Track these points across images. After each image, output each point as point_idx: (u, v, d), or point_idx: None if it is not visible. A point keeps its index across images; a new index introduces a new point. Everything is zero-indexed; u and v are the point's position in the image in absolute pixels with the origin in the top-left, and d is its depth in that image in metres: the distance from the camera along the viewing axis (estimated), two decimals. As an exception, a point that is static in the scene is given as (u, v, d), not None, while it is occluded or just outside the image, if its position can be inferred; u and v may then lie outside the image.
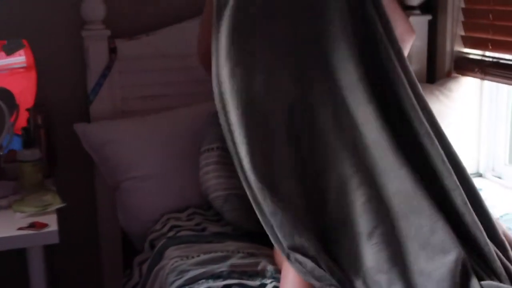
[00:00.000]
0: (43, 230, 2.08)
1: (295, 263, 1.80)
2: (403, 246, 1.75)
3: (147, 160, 2.46)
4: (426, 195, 1.79)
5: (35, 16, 2.56)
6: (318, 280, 1.77)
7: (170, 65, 2.64)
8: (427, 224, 1.75)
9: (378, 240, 1.77)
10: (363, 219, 1.81)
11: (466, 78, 2.85)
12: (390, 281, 1.71)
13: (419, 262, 1.72)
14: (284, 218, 1.85)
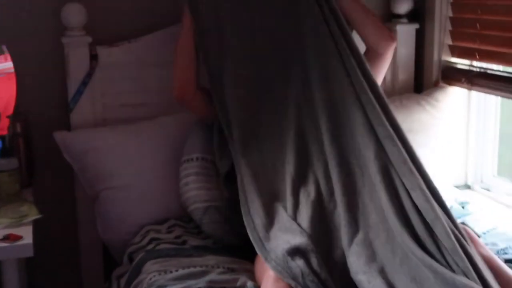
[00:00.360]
0: (17, 242, 2.04)
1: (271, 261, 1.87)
2: (376, 249, 1.88)
3: (127, 169, 2.42)
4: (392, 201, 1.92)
5: (15, 22, 2.52)
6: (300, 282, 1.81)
7: (152, 73, 2.60)
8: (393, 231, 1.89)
9: (358, 245, 1.90)
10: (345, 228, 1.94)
11: (454, 88, 2.82)
12: (369, 279, 1.82)
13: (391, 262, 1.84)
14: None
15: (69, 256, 2.66)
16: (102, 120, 2.57)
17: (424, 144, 2.70)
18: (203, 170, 2.31)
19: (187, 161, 2.34)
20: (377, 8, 2.92)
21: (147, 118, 2.55)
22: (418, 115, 2.73)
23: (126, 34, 2.58)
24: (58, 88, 2.56)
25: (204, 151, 2.34)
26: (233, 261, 2.13)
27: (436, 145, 2.74)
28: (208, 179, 2.31)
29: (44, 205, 2.37)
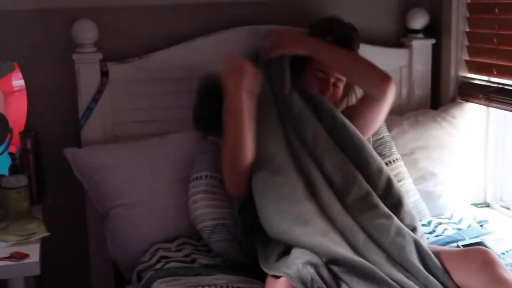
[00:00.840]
0: (23, 261, 2.02)
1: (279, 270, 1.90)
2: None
3: (137, 186, 2.39)
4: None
5: (26, 39, 2.51)
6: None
7: (162, 90, 2.58)
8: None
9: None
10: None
11: (471, 104, 2.76)
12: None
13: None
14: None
15: (80, 274, 2.63)
16: (112, 137, 2.55)
17: (441, 161, 2.66)
18: (212, 188, 2.29)
19: (196, 179, 2.31)
20: (393, 23, 2.90)
21: (158, 135, 2.52)
22: (434, 132, 2.68)
23: (137, 50, 2.56)
24: (69, 104, 2.54)
25: (213, 170, 2.31)
26: (243, 280, 2.10)
27: (453, 162, 2.68)
28: (217, 197, 2.28)
29: (54, 222, 2.36)
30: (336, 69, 2.39)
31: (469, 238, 2.35)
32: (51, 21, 2.52)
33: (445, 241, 2.34)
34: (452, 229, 2.42)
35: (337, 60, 2.37)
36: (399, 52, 2.86)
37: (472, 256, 1.96)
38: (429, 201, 2.58)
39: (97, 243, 2.54)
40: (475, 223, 2.50)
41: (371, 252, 2.01)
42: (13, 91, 2.55)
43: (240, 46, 2.62)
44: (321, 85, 2.41)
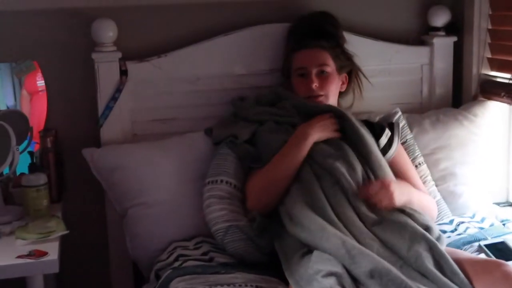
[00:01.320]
0: (42, 258, 2.02)
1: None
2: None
3: (156, 186, 2.39)
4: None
5: (45, 38, 2.52)
6: None
7: (181, 88, 2.58)
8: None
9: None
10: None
11: (493, 102, 2.72)
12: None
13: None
14: None
15: (99, 272, 2.64)
16: (131, 136, 2.56)
17: (462, 161, 2.62)
18: (227, 194, 2.28)
19: (211, 182, 2.30)
20: (414, 21, 2.87)
21: (176, 133, 2.52)
22: (455, 131, 2.65)
23: (156, 49, 2.56)
24: (88, 103, 2.55)
25: (228, 175, 2.31)
26: (261, 279, 2.08)
27: (475, 161, 2.65)
28: (231, 202, 2.27)
29: (73, 221, 2.38)
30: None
31: (491, 237, 2.31)
32: (70, 20, 2.52)
33: (467, 240, 2.31)
34: (474, 228, 2.39)
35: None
36: (420, 50, 2.83)
37: (493, 268, 1.94)
38: (450, 201, 2.55)
39: (116, 242, 2.54)
40: (498, 222, 2.47)
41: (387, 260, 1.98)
42: (37, 91, 2.57)
43: (259, 45, 2.62)
44: (305, 81, 2.43)
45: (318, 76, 2.43)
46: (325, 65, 2.44)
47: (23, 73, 2.55)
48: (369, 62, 2.69)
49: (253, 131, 2.40)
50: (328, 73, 2.44)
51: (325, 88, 2.43)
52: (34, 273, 2.04)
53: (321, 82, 2.43)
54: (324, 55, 2.46)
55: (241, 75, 2.62)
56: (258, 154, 2.35)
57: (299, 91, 2.45)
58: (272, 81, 2.63)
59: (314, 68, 2.43)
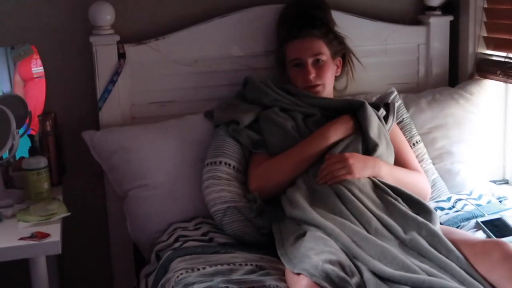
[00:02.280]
0: (45, 240, 2.04)
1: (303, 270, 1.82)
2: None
3: (155, 168, 2.40)
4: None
5: (43, 22, 2.52)
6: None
7: (180, 71, 2.59)
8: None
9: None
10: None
11: (489, 81, 2.74)
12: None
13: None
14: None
15: (100, 254, 2.67)
16: (130, 118, 2.57)
17: (459, 139, 2.64)
18: (226, 175, 2.30)
19: (210, 164, 2.32)
20: (410, 1, 2.88)
21: (176, 116, 2.53)
22: (451, 110, 2.66)
23: (154, 32, 2.57)
24: (87, 86, 2.56)
25: (227, 157, 2.33)
26: (261, 258, 2.10)
27: (471, 139, 2.66)
28: (230, 183, 2.29)
29: (74, 203, 2.39)
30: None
31: (488, 214, 2.34)
32: (68, 3, 2.53)
33: (464, 216, 2.33)
34: (472, 205, 2.41)
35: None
36: (416, 30, 2.84)
37: (491, 249, 1.93)
38: (447, 179, 2.57)
39: (116, 224, 2.56)
40: (495, 199, 2.49)
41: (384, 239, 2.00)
42: (32, 77, 2.57)
43: (257, 26, 2.63)
44: (301, 72, 2.44)
45: (314, 65, 2.44)
46: (320, 53, 2.45)
47: (21, 57, 2.56)
48: (365, 43, 2.71)
49: (255, 115, 2.41)
50: (323, 61, 2.45)
51: (322, 77, 2.45)
52: (36, 255, 2.06)
53: (318, 71, 2.44)
54: (318, 44, 2.45)
55: (238, 56, 2.63)
56: (260, 139, 2.37)
57: (297, 82, 2.47)
58: (269, 62, 2.63)
59: (309, 58, 2.43)
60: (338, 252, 1.90)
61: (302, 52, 2.44)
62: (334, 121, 2.35)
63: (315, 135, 2.32)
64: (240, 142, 2.37)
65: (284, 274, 1.98)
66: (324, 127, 2.34)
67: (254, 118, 2.41)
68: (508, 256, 1.88)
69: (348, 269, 1.83)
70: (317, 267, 1.79)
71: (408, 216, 2.08)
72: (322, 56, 2.44)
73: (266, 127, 2.37)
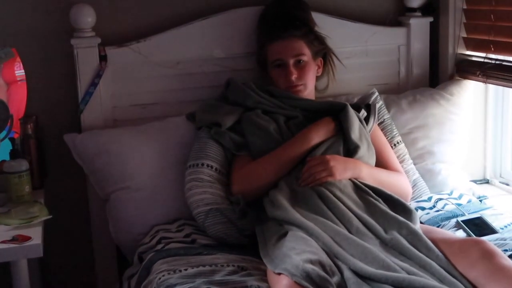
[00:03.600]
0: (26, 243, 2.03)
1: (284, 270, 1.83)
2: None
3: (137, 170, 2.40)
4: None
5: (23, 24, 2.52)
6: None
7: (161, 73, 2.59)
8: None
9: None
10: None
11: (469, 81, 2.76)
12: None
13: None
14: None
15: (83, 257, 2.66)
16: (112, 121, 2.57)
17: (439, 139, 2.67)
18: (208, 177, 2.31)
19: (193, 166, 2.33)
20: (390, 2, 2.90)
21: (158, 118, 2.53)
22: (432, 110, 2.69)
23: (135, 34, 2.57)
24: (68, 89, 2.56)
25: (209, 159, 2.33)
26: (243, 259, 2.11)
27: (452, 139, 2.69)
28: (212, 185, 2.30)
29: (56, 206, 2.39)
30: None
31: (468, 213, 2.36)
32: (48, 6, 2.52)
33: (445, 216, 2.36)
34: (452, 204, 2.43)
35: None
36: (397, 31, 2.86)
37: (470, 247, 1.94)
38: (428, 179, 2.59)
39: (99, 226, 2.56)
40: (475, 199, 2.51)
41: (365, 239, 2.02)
42: (16, 80, 2.56)
43: (238, 28, 2.64)
44: (282, 72, 2.45)
45: (296, 66, 2.45)
46: (302, 54, 2.45)
47: (2, 60, 2.54)
48: (346, 44, 2.73)
49: (237, 117, 2.41)
50: (304, 61, 2.46)
51: (303, 77, 2.45)
52: (18, 258, 2.05)
53: (299, 72, 2.45)
54: (299, 44, 2.46)
55: (220, 58, 2.63)
56: (242, 141, 2.38)
57: (278, 82, 2.47)
58: (251, 64, 2.64)
59: (290, 58, 2.44)
60: (318, 252, 1.91)
61: (284, 53, 2.45)
62: (316, 123, 2.36)
63: (297, 138, 2.33)
64: (222, 144, 2.37)
65: (266, 275, 1.98)
66: (306, 129, 2.35)
67: (236, 120, 2.41)
68: (486, 254, 1.89)
69: (328, 268, 1.84)
70: (298, 267, 1.80)
71: (389, 215, 2.10)
72: (303, 57, 2.45)
73: (249, 129, 2.38)
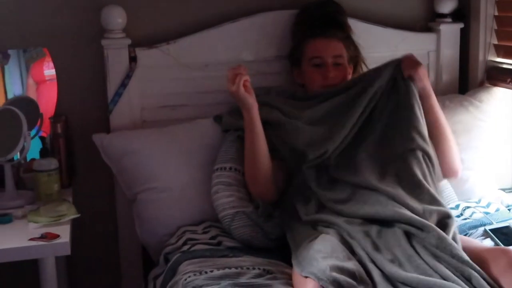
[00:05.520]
0: (54, 241, 2.05)
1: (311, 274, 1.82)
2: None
3: (165, 171, 2.41)
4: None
5: (55, 25, 2.54)
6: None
7: (190, 75, 2.60)
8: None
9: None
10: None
11: (499, 89, 2.74)
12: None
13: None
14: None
15: (109, 256, 2.68)
16: (141, 122, 2.58)
17: (468, 146, 2.63)
18: (235, 181, 2.31)
19: (220, 169, 2.33)
20: (421, 8, 2.88)
21: (185, 120, 2.54)
22: (461, 117, 2.66)
23: (165, 36, 2.58)
24: (98, 90, 2.58)
25: (237, 162, 2.33)
26: (269, 262, 2.11)
27: (480, 146, 2.67)
28: (239, 189, 2.30)
29: (84, 205, 2.40)
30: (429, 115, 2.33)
31: (496, 222, 2.34)
32: (80, 7, 2.54)
33: (473, 224, 2.34)
34: (480, 212, 2.41)
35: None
36: (427, 37, 2.85)
37: (498, 256, 1.93)
38: (456, 186, 2.56)
39: (125, 226, 2.58)
40: (503, 207, 2.49)
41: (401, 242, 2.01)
42: (44, 80, 2.59)
43: (267, 32, 2.64)
44: (321, 71, 2.43)
45: (333, 66, 2.43)
46: (341, 56, 2.44)
47: (33, 59, 2.58)
48: (376, 49, 2.71)
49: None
50: (341, 64, 2.44)
51: (339, 79, 2.43)
52: (46, 255, 2.07)
53: (337, 73, 2.43)
54: (340, 46, 2.45)
55: (248, 61, 2.63)
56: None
57: (314, 80, 2.44)
58: (279, 67, 2.65)
59: (330, 58, 2.42)
60: (346, 257, 1.90)
61: (325, 51, 2.43)
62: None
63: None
64: None
65: (291, 278, 1.98)
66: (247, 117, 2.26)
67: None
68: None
69: (357, 273, 1.84)
70: (324, 272, 1.79)
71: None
72: (341, 59, 2.44)
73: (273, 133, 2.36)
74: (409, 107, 2.27)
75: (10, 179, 2.35)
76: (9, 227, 2.17)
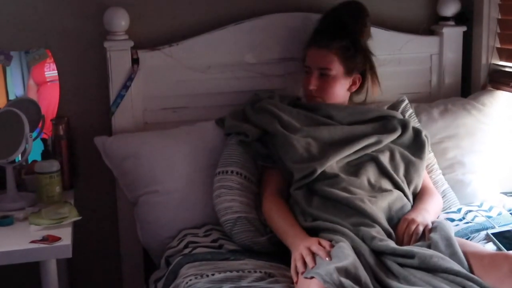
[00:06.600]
0: (56, 243, 2.05)
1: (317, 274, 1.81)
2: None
3: (166, 174, 2.41)
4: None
5: (58, 26, 2.54)
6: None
7: (192, 77, 2.60)
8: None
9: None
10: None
11: (501, 92, 2.74)
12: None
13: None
14: None
15: (110, 258, 2.68)
16: (143, 124, 2.58)
17: (470, 149, 2.64)
18: (237, 184, 2.30)
19: (222, 173, 2.33)
20: (423, 10, 2.88)
21: (188, 122, 2.54)
22: (463, 120, 2.66)
23: (168, 38, 2.58)
24: (100, 92, 2.57)
25: (239, 166, 2.33)
26: (270, 266, 2.10)
27: (482, 150, 2.66)
28: (241, 193, 2.30)
29: (85, 208, 2.41)
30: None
31: (498, 226, 2.33)
32: (83, 8, 2.54)
33: (474, 228, 2.33)
34: (482, 216, 2.40)
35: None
36: (429, 40, 2.84)
37: (500, 261, 1.92)
38: (458, 190, 2.56)
39: (127, 229, 2.58)
40: (505, 211, 2.48)
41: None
42: (45, 81, 2.59)
43: (270, 34, 2.64)
44: (305, 78, 2.46)
45: (320, 77, 2.43)
46: (327, 69, 2.41)
47: (35, 61, 2.57)
48: (379, 52, 2.69)
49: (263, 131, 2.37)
50: (329, 76, 2.42)
51: (324, 91, 2.43)
52: (47, 258, 2.07)
53: (322, 84, 2.43)
54: (329, 58, 2.41)
55: (251, 64, 2.64)
56: (268, 153, 2.35)
57: (303, 86, 2.50)
58: (282, 70, 2.65)
59: (315, 69, 2.43)
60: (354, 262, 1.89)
61: (311, 61, 2.44)
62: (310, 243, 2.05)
63: (292, 236, 2.13)
64: (251, 157, 2.37)
65: (293, 282, 1.98)
66: (299, 241, 2.07)
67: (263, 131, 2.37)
68: None
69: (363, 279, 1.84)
70: (331, 274, 1.79)
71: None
72: (329, 71, 2.42)
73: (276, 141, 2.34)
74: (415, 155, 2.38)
75: (12, 181, 2.35)
76: (11, 229, 2.17)
